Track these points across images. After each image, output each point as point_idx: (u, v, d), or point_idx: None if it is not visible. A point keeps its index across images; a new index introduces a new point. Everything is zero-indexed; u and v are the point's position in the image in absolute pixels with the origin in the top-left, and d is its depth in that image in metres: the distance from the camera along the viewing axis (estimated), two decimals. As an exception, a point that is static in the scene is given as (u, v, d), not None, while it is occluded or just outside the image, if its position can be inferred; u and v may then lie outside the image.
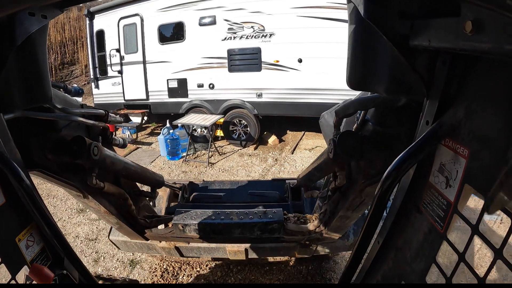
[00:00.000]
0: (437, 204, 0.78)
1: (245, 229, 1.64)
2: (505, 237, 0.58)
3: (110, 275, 1.92)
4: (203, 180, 2.63)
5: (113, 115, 1.54)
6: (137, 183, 1.86)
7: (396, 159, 0.77)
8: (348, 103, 1.17)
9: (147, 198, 1.99)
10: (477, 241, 0.67)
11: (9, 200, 0.97)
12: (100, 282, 1.68)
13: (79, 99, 1.48)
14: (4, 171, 0.89)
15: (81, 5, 14.47)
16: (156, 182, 1.91)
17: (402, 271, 0.92)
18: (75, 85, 1.53)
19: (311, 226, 1.74)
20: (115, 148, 1.70)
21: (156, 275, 3.04)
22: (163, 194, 2.39)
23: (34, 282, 0.95)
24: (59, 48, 13.22)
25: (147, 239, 1.91)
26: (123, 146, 1.70)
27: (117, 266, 3.28)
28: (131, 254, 3.33)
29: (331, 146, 1.16)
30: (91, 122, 1.34)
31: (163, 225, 1.83)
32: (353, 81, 0.92)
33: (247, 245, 1.90)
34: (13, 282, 0.93)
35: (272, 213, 1.61)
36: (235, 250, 1.91)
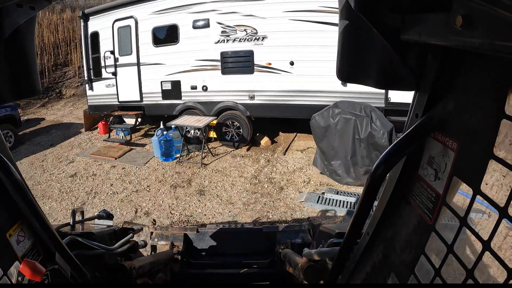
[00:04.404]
0: (426, 196, 0.78)
1: None
2: (493, 229, 0.58)
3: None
4: (197, 230, 2.74)
5: (136, 228, 1.89)
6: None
7: (385, 152, 0.77)
8: (314, 252, 1.42)
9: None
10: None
11: None
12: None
13: (110, 222, 1.74)
14: None
15: (75, 6, 14.48)
16: (169, 259, 2.37)
17: (391, 263, 0.92)
18: (106, 210, 1.80)
19: None
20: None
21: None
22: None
23: (26, 277, 0.93)
24: (53, 49, 13.14)
25: None
26: (145, 246, 2.05)
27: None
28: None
29: (300, 274, 1.46)
30: (126, 246, 1.64)
31: None
32: (343, 74, 0.92)
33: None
34: (5, 278, 0.92)
35: None
36: None
